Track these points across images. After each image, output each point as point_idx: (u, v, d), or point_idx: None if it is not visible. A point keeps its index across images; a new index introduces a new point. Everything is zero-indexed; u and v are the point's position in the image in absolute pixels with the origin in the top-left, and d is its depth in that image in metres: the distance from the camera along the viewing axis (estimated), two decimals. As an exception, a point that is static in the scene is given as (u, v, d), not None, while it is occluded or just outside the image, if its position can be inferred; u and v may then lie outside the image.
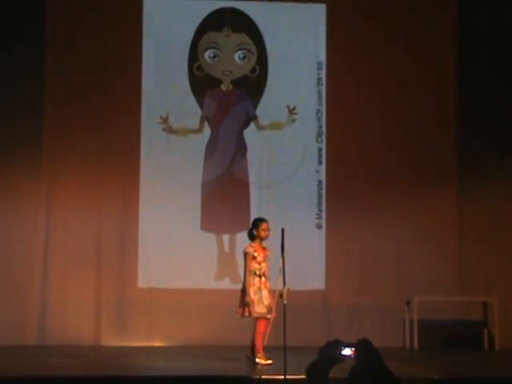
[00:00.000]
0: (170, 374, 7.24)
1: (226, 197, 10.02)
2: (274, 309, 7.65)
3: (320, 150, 10.16)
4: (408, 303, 9.70)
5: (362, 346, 3.33)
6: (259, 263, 7.79)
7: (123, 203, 9.89)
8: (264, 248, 7.91)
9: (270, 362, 7.61)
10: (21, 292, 9.63)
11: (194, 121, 10.10)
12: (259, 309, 7.71)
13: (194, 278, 9.74)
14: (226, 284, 9.82)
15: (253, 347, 7.76)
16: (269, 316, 7.69)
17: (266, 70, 10.23)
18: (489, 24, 10.16)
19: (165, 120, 10.03)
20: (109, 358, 8.67)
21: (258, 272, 7.78)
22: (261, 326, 7.74)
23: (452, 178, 10.17)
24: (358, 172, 10.09)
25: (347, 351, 3.33)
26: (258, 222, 7.99)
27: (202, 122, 10.12)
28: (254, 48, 10.27)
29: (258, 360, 7.65)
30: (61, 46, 9.89)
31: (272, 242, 8.02)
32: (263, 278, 7.77)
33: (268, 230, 7.88)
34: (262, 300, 7.73)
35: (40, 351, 9.06)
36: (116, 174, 9.87)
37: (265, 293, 7.73)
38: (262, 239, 7.89)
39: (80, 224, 9.78)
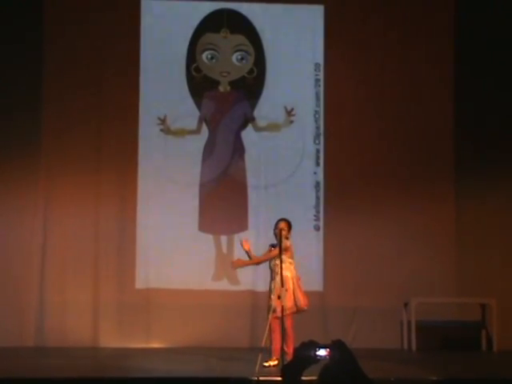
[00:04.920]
0: (168, 375, 7.26)
1: (224, 198, 10.02)
2: (277, 311, 7.55)
3: (318, 151, 10.15)
4: (406, 304, 9.71)
5: (336, 346, 3.34)
6: (277, 261, 7.66)
7: (121, 204, 9.89)
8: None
9: (266, 364, 7.58)
10: (19, 293, 9.62)
11: (191, 122, 10.10)
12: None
13: (191, 279, 9.73)
14: (224, 285, 9.83)
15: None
16: (270, 316, 7.58)
17: (264, 72, 10.23)
18: (488, 20, 10.10)
19: (163, 121, 10.03)
20: (107, 359, 8.68)
21: (274, 268, 7.74)
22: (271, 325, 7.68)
23: (451, 178, 10.17)
24: (356, 173, 10.08)
25: (322, 352, 3.34)
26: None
27: (199, 123, 10.12)
28: (251, 49, 10.27)
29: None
30: (60, 47, 9.89)
31: (270, 243, 8.06)
32: (277, 278, 7.62)
33: (276, 228, 7.82)
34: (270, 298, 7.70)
35: (38, 353, 9.08)
36: (114, 174, 9.88)
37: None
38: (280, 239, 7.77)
39: (78, 225, 9.78)
